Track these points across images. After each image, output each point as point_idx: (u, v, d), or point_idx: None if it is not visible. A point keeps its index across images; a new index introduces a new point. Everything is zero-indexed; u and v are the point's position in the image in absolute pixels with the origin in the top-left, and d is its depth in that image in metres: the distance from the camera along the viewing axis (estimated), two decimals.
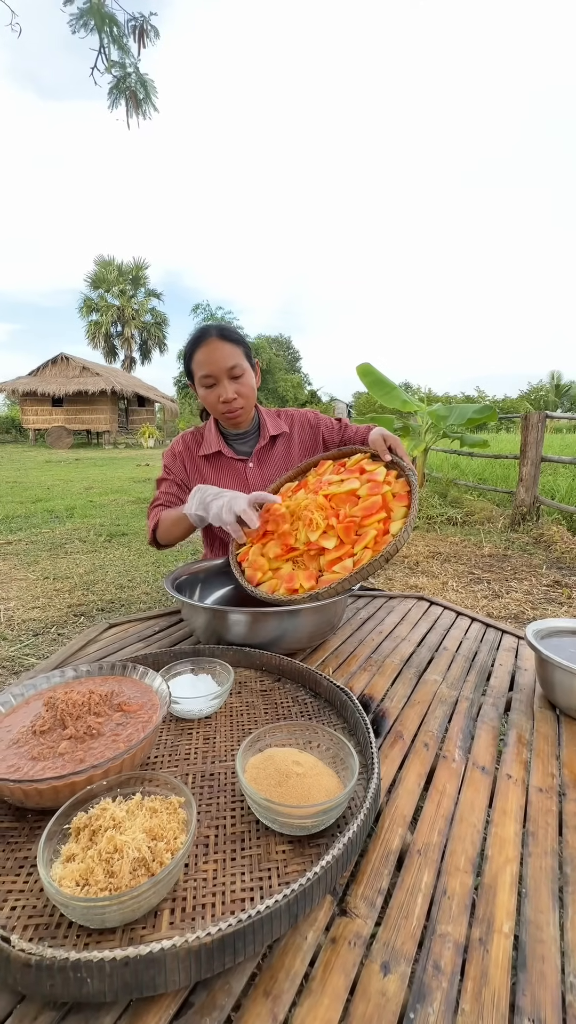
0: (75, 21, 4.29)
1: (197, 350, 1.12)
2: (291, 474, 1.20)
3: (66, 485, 7.20)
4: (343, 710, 0.68)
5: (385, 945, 0.40)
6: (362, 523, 0.94)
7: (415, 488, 0.96)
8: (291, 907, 0.39)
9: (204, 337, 1.11)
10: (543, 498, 4.08)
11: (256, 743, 0.56)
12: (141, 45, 4.49)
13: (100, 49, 3.95)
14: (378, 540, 0.91)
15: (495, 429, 16.71)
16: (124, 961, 0.34)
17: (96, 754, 0.52)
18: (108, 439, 19.51)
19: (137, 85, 4.07)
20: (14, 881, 0.44)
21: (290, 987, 0.37)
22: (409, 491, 0.99)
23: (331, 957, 0.39)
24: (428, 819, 0.53)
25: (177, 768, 0.58)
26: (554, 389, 33.97)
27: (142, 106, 4.15)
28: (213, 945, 0.36)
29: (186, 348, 1.15)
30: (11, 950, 0.34)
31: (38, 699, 0.62)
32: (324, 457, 1.21)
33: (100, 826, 0.44)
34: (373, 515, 0.94)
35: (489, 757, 0.64)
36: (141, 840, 0.42)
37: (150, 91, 4.22)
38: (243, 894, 0.43)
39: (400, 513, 0.95)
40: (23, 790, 0.47)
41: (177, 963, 0.35)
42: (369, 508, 0.96)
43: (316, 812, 0.46)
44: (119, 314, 32.13)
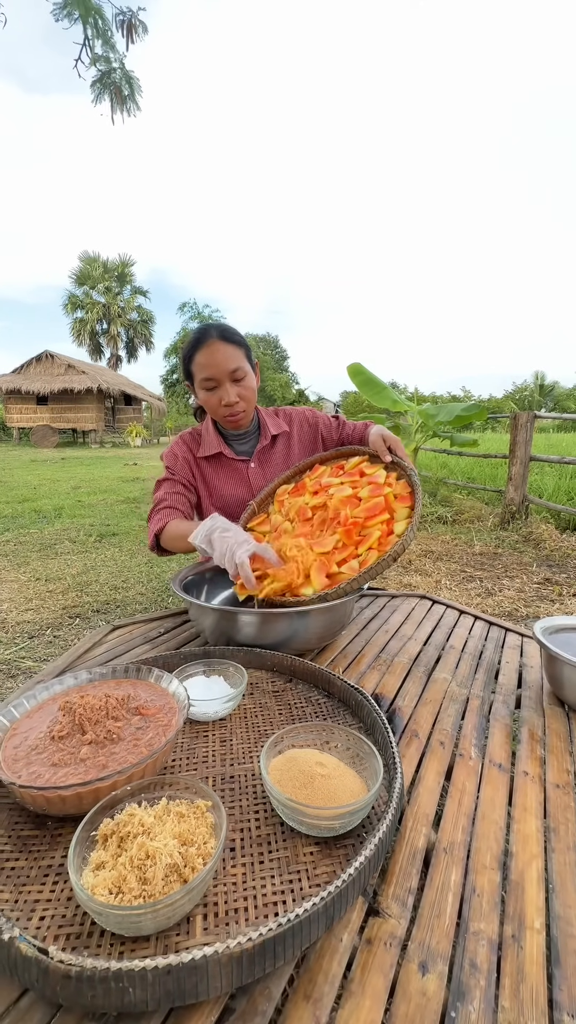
0: (58, 10, 4.20)
1: (198, 352, 1.10)
2: (287, 475, 1.20)
3: (53, 485, 7.09)
4: (359, 710, 0.68)
5: (421, 945, 0.40)
6: (365, 524, 0.94)
7: (418, 488, 0.97)
8: (328, 909, 0.39)
9: (205, 338, 1.09)
10: (532, 497, 4.14)
11: (276, 745, 0.56)
12: (129, 40, 4.44)
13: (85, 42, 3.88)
14: (382, 541, 0.92)
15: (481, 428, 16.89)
16: (166, 969, 0.34)
17: (119, 759, 0.51)
18: (94, 438, 19.27)
19: (122, 81, 4.02)
20: (40, 890, 0.43)
21: (330, 990, 0.36)
22: (411, 491, 0.99)
23: (368, 958, 0.39)
24: (451, 817, 0.53)
25: (196, 771, 0.58)
26: (538, 389, 34.47)
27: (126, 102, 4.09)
28: (255, 950, 0.35)
29: (186, 349, 1.14)
30: (50, 961, 0.34)
31: (52, 703, 0.61)
32: (322, 458, 1.21)
33: (129, 832, 0.43)
34: (376, 516, 0.95)
35: (504, 754, 0.64)
36: (173, 846, 0.41)
37: (135, 88, 4.17)
38: (274, 897, 0.42)
39: (403, 514, 0.95)
40: (46, 797, 0.46)
41: (219, 969, 0.34)
42: (372, 509, 0.96)
43: (345, 814, 0.46)
44: (104, 311, 31.75)
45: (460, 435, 4.96)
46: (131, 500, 5.75)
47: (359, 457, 1.15)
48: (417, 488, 0.97)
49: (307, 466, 1.22)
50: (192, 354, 1.11)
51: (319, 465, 1.19)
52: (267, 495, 1.19)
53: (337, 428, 1.31)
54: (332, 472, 1.14)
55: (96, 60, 3.86)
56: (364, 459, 1.13)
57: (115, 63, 3.93)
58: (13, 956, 0.35)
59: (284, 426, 1.27)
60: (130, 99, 4.04)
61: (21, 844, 0.47)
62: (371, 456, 1.14)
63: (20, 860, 0.46)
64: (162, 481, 1.24)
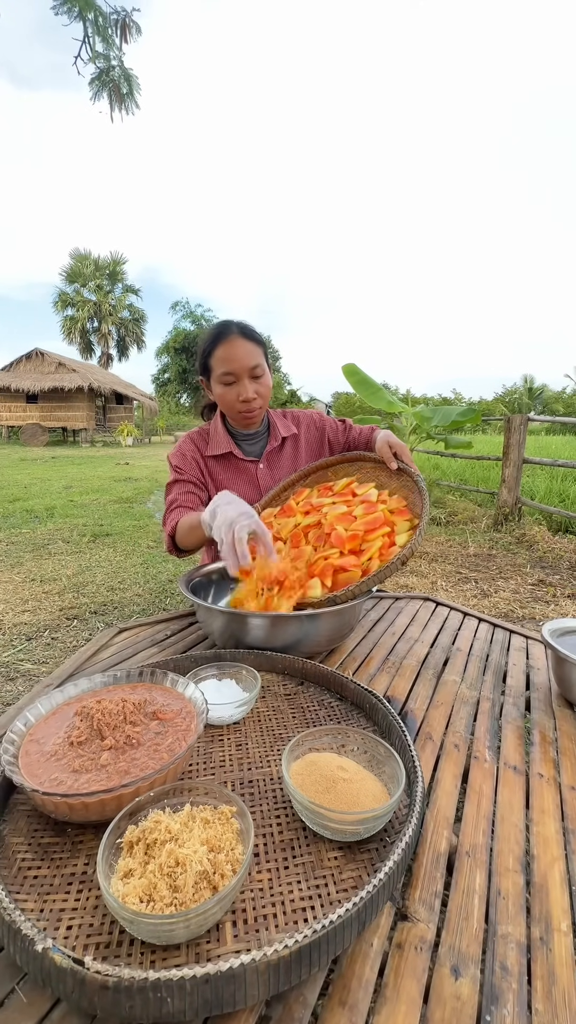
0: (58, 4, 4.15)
1: (218, 346, 1.10)
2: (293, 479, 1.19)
3: (44, 484, 7.02)
4: (373, 713, 0.68)
5: (451, 948, 0.40)
6: (365, 538, 0.94)
7: (426, 495, 0.98)
8: (360, 915, 0.39)
9: (226, 333, 1.09)
10: (524, 499, 4.19)
11: (295, 749, 0.56)
12: (123, 40, 4.41)
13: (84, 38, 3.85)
14: (383, 552, 0.92)
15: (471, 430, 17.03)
16: (204, 978, 0.33)
17: (140, 765, 0.50)
18: (85, 437, 19.11)
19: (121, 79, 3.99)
20: (65, 899, 0.42)
21: (364, 996, 0.36)
22: (407, 505, 1.00)
23: (400, 963, 0.39)
24: (471, 820, 0.54)
25: (214, 776, 0.57)
26: (527, 392, 34.86)
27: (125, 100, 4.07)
28: (291, 957, 0.35)
29: (205, 343, 1.13)
30: (86, 972, 0.33)
31: (67, 708, 0.61)
32: (328, 462, 1.21)
33: (156, 839, 0.43)
34: (376, 530, 0.95)
35: (518, 757, 0.65)
36: (203, 852, 0.41)
37: (133, 86, 4.15)
38: (302, 903, 0.42)
39: (404, 527, 0.96)
40: (69, 804, 0.46)
41: (256, 977, 0.34)
42: (371, 523, 0.96)
43: (370, 818, 0.46)
44: (96, 310, 31.53)
45: (454, 437, 5.00)
46: (124, 500, 5.71)
47: (347, 480, 1.14)
48: (425, 495, 0.98)
49: (314, 469, 1.22)
50: (212, 348, 1.11)
51: (303, 489, 1.17)
52: (271, 499, 1.19)
53: (343, 432, 1.31)
54: (320, 492, 1.13)
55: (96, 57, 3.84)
56: (353, 480, 1.13)
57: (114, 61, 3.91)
58: (47, 967, 0.34)
59: (293, 428, 1.28)
60: (129, 97, 4.02)
61: (42, 852, 0.47)
62: (375, 462, 1.15)
63: (43, 868, 0.45)
64: (172, 483, 1.22)
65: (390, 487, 1.09)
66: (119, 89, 3.94)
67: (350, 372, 4.95)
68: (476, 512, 4.75)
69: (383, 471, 1.12)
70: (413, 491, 1.03)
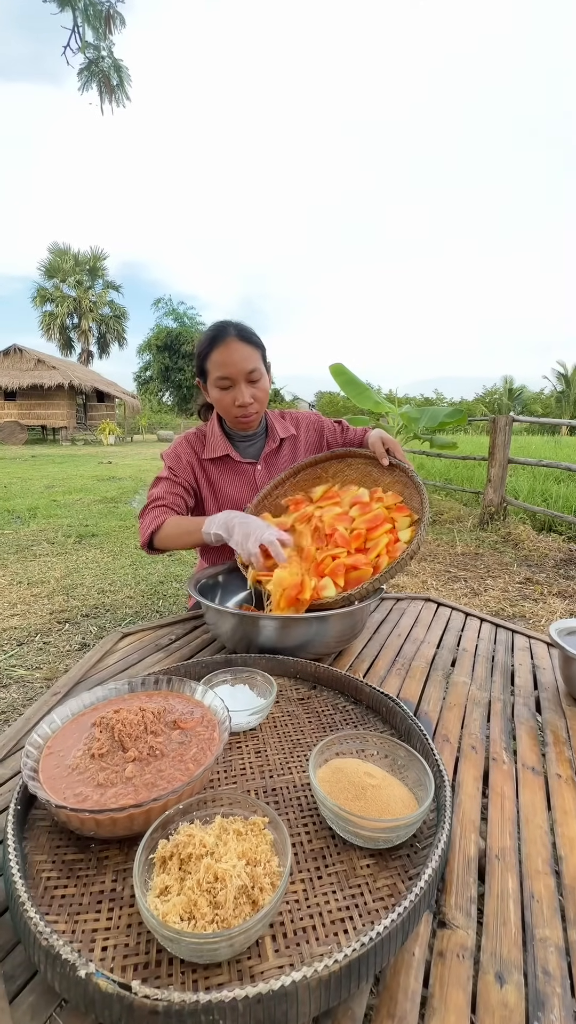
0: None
1: (215, 349, 1.08)
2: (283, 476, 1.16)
3: (25, 483, 6.87)
4: (390, 717, 0.68)
5: (493, 955, 0.40)
6: (369, 535, 0.94)
7: (422, 487, 0.98)
8: (404, 925, 0.39)
9: (223, 336, 1.08)
10: (510, 498, 4.26)
11: (320, 755, 0.55)
12: (107, 30, 4.33)
13: (74, 28, 3.75)
14: (390, 548, 0.92)
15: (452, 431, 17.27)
16: (257, 998, 0.33)
17: (167, 777, 0.49)
18: (65, 435, 18.75)
19: (111, 70, 3.91)
20: (96, 919, 0.41)
21: (412, 1007, 0.36)
22: (402, 501, 1.01)
23: (443, 972, 0.39)
24: (496, 823, 0.54)
25: (236, 785, 0.56)
26: (507, 393, 35.52)
27: (116, 92, 4.00)
28: (341, 972, 0.35)
29: (201, 345, 1.12)
30: (134, 998, 0.32)
31: (83, 719, 0.59)
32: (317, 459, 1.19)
33: (190, 854, 0.41)
34: (379, 527, 0.95)
35: (535, 757, 0.66)
36: (241, 866, 0.40)
37: (124, 78, 4.07)
38: (340, 914, 0.42)
39: (405, 523, 0.96)
40: (96, 820, 0.44)
41: (308, 994, 0.34)
42: (372, 520, 0.96)
43: (404, 825, 0.46)
44: (75, 305, 30.95)
45: (440, 437, 5.05)
46: (109, 500, 5.62)
47: (324, 485, 1.12)
48: (422, 489, 0.98)
49: (304, 467, 1.19)
50: (208, 351, 1.09)
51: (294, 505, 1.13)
52: (263, 497, 1.17)
53: (341, 433, 1.31)
54: (304, 503, 1.11)
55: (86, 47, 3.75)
56: (331, 486, 1.12)
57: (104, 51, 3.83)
58: (90, 993, 0.33)
59: (291, 429, 1.27)
60: (120, 89, 3.95)
61: (67, 870, 0.45)
62: (366, 458, 1.14)
63: (69, 887, 0.44)
64: (161, 479, 1.21)
65: (383, 483, 1.09)
66: (109, 80, 3.86)
67: (337, 372, 4.96)
68: (462, 511, 4.82)
69: (375, 467, 1.11)
70: (408, 486, 1.03)
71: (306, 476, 1.19)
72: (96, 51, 3.85)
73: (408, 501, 1.01)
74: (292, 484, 1.18)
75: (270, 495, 1.17)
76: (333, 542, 0.95)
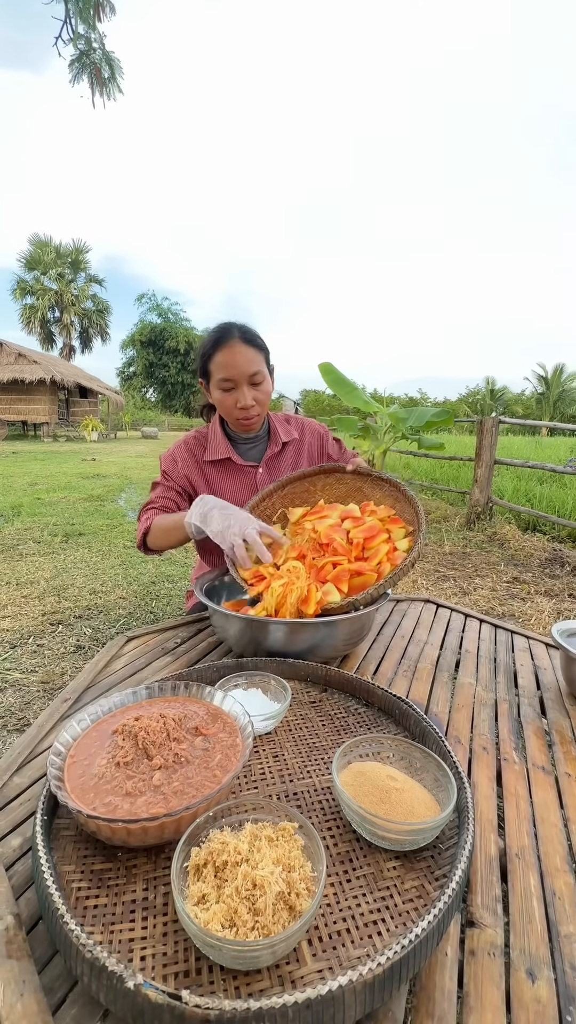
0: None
1: (218, 351, 1.08)
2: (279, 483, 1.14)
3: (6, 480, 6.73)
4: (403, 719, 0.69)
5: (522, 952, 0.41)
6: (367, 544, 0.95)
7: (416, 500, 0.99)
8: (439, 926, 0.40)
9: (226, 338, 1.08)
10: (495, 498, 4.34)
11: (342, 758, 0.56)
12: (97, 20, 4.25)
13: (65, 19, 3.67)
14: (390, 555, 0.93)
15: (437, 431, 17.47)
16: (306, 1003, 0.33)
17: (195, 784, 0.49)
18: (47, 431, 18.41)
19: (102, 62, 3.84)
20: (131, 928, 0.41)
21: (449, 1006, 0.37)
22: (395, 515, 1.02)
23: (476, 970, 0.40)
24: (513, 822, 0.55)
25: (257, 790, 0.57)
26: (489, 394, 36.07)
27: (107, 85, 3.93)
28: (384, 974, 0.35)
29: (204, 346, 1.12)
30: (185, 1007, 0.32)
31: (103, 727, 0.58)
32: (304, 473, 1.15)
33: (225, 861, 0.42)
34: (376, 536, 0.96)
35: (544, 757, 0.67)
36: (279, 873, 0.40)
37: (115, 70, 4.00)
38: (372, 916, 0.43)
39: (400, 534, 0.98)
40: (128, 829, 0.44)
41: (354, 998, 0.34)
42: (368, 531, 0.97)
43: (430, 827, 0.47)
44: (57, 299, 30.37)
45: (427, 438, 5.10)
46: (95, 498, 5.54)
47: (304, 509, 1.10)
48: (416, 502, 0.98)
49: (293, 479, 1.16)
50: (212, 352, 1.09)
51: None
52: (250, 509, 1.11)
53: (339, 451, 1.33)
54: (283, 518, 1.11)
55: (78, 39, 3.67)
56: (307, 512, 1.09)
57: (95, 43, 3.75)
58: (140, 1004, 0.33)
59: (295, 433, 1.27)
60: (111, 82, 3.88)
61: (97, 880, 0.45)
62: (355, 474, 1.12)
63: (101, 897, 0.44)
64: (157, 484, 1.24)
65: (374, 497, 1.09)
66: (100, 73, 3.79)
67: (326, 371, 4.97)
68: (448, 511, 4.89)
69: (365, 482, 1.12)
70: (400, 500, 1.04)
71: (295, 489, 1.17)
72: (87, 43, 3.77)
73: (401, 514, 1.02)
74: (280, 496, 1.16)
75: (257, 507, 1.13)
76: (331, 551, 0.96)
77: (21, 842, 0.50)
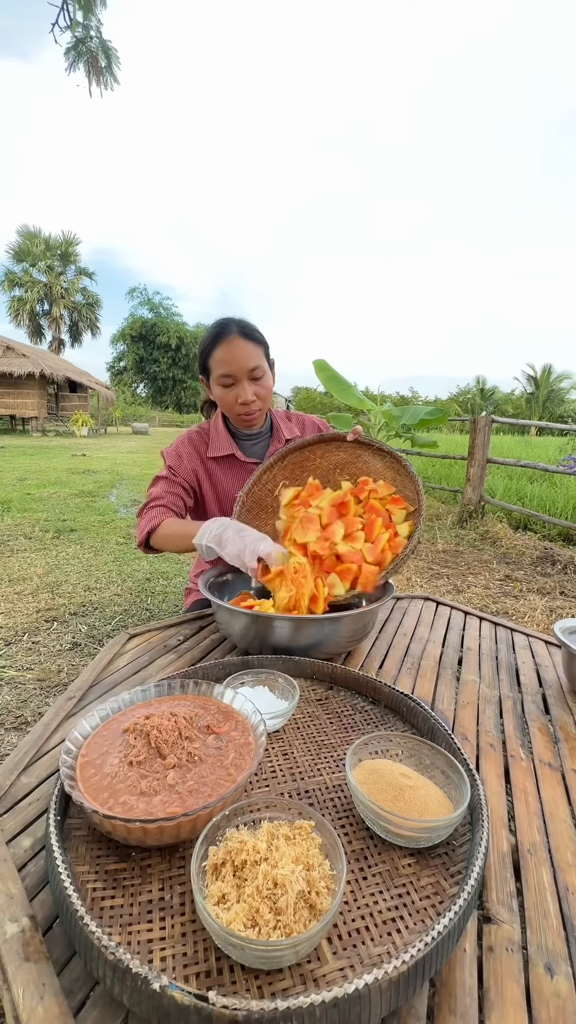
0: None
1: (217, 347, 1.07)
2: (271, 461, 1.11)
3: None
4: (411, 717, 0.69)
5: (539, 948, 0.42)
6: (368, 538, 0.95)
7: (415, 475, 0.98)
8: (460, 923, 0.40)
9: (225, 333, 1.07)
10: (487, 497, 4.37)
11: (354, 756, 0.56)
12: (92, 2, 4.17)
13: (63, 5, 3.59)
14: (392, 543, 0.94)
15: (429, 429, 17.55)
16: (333, 1003, 0.33)
17: (210, 783, 0.49)
18: (36, 426, 18.17)
19: (99, 50, 3.77)
20: (149, 928, 0.41)
21: (471, 1002, 0.37)
22: (396, 491, 1.01)
23: (496, 966, 0.40)
24: (523, 819, 0.56)
25: (269, 788, 0.57)
26: (479, 393, 36.34)
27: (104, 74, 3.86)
28: (409, 972, 0.35)
29: (204, 343, 1.11)
30: (212, 1008, 0.32)
31: (112, 726, 0.58)
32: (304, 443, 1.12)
33: (244, 860, 0.42)
34: (374, 524, 0.96)
35: (550, 753, 0.68)
36: (299, 871, 0.40)
37: (112, 59, 3.93)
38: (390, 914, 0.43)
39: (401, 515, 0.98)
40: (145, 829, 0.44)
41: (380, 996, 0.34)
42: (370, 509, 0.98)
43: (444, 825, 0.47)
44: (46, 291, 29.93)
45: (421, 436, 5.12)
46: (86, 494, 5.49)
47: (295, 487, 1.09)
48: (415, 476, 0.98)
49: (292, 450, 1.13)
50: (211, 348, 1.08)
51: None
52: (252, 486, 1.11)
53: None
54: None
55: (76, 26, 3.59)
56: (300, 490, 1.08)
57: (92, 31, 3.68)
58: (166, 1006, 0.33)
59: (296, 431, 1.27)
60: (108, 71, 3.81)
61: (112, 880, 0.45)
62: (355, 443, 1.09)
63: (117, 898, 0.43)
64: (160, 478, 1.20)
65: (374, 467, 1.07)
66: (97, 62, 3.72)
67: (320, 368, 4.96)
68: (441, 509, 4.92)
69: (366, 450, 1.09)
70: (401, 473, 1.02)
71: (294, 459, 1.14)
72: (85, 30, 3.70)
73: (401, 490, 1.01)
74: (280, 469, 1.13)
75: (258, 482, 1.12)
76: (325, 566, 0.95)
77: (32, 843, 0.50)
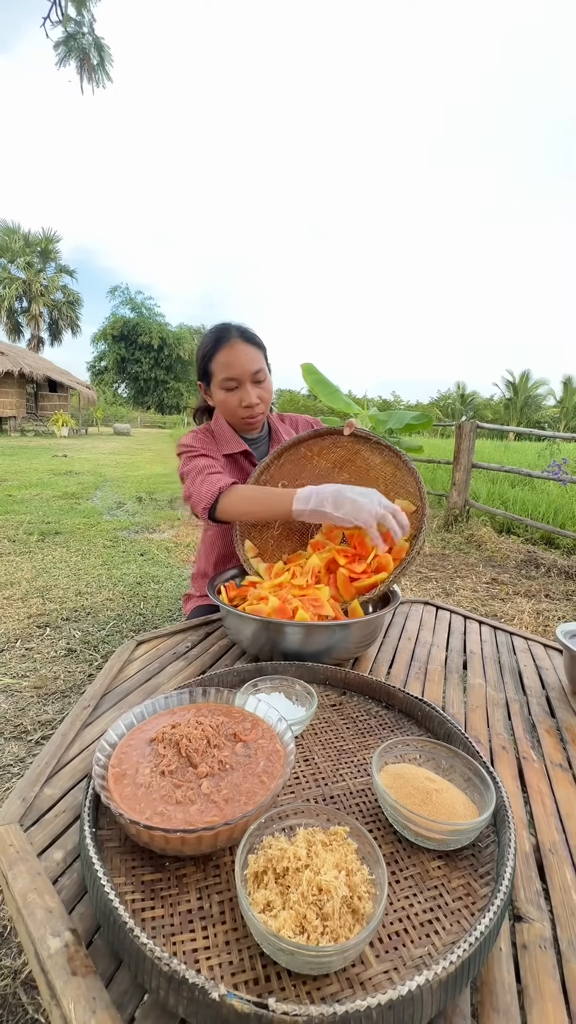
0: None
1: (219, 351, 1.08)
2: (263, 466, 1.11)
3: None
4: (425, 721, 0.71)
5: (570, 944, 0.43)
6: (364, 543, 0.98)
7: (415, 471, 0.99)
8: (498, 923, 0.41)
9: (227, 338, 1.08)
10: (472, 501, 4.46)
11: (379, 760, 0.57)
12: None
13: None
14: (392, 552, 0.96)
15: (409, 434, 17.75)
16: (388, 1005, 0.34)
17: (245, 791, 0.49)
18: (14, 426, 17.78)
19: (91, 47, 3.72)
20: (192, 938, 0.41)
21: (512, 999, 0.39)
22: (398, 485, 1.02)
23: (531, 963, 0.41)
24: (541, 819, 0.58)
25: (294, 795, 0.57)
26: (459, 398, 37.02)
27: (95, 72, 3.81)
28: (456, 972, 0.37)
29: (204, 347, 1.11)
30: (272, 1015, 0.33)
31: (137, 735, 0.58)
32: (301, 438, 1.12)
33: (286, 867, 0.42)
34: None
35: (560, 755, 0.70)
36: (342, 878, 0.41)
37: (104, 56, 3.88)
38: (427, 916, 0.44)
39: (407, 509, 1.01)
40: (183, 839, 0.44)
41: (431, 996, 0.35)
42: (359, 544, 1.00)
43: (471, 828, 0.49)
44: (25, 288, 29.37)
45: (406, 440, 5.19)
46: (70, 495, 5.40)
47: (279, 579, 1.03)
48: (416, 472, 1.00)
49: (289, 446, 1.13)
50: (213, 353, 1.09)
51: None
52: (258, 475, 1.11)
53: None
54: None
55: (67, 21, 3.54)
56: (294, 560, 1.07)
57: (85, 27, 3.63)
58: (225, 1016, 0.33)
59: (292, 432, 1.28)
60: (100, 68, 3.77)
61: (149, 891, 0.45)
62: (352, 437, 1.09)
63: (156, 909, 0.43)
64: (194, 456, 1.12)
65: (373, 463, 1.07)
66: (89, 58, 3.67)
67: (308, 371, 4.98)
68: None
69: (363, 445, 1.09)
70: (401, 468, 1.02)
71: (292, 457, 1.14)
72: (77, 25, 3.65)
73: (402, 486, 1.01)
74: (277, 468, 1.13)
75: (257, 482, 1.11)
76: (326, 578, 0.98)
77: (63, 855, 0.49)
